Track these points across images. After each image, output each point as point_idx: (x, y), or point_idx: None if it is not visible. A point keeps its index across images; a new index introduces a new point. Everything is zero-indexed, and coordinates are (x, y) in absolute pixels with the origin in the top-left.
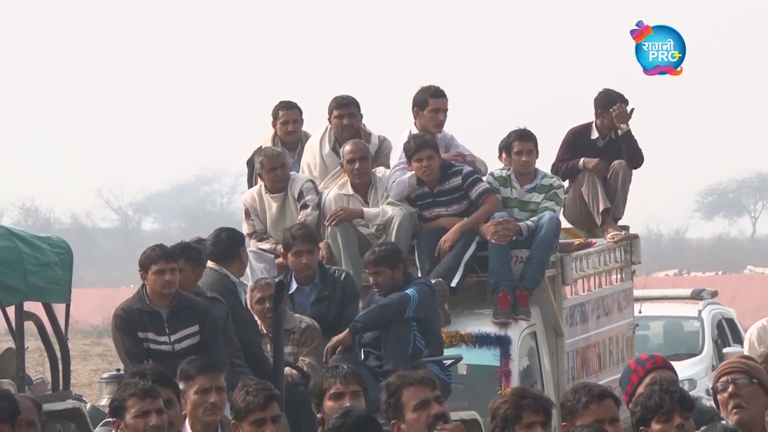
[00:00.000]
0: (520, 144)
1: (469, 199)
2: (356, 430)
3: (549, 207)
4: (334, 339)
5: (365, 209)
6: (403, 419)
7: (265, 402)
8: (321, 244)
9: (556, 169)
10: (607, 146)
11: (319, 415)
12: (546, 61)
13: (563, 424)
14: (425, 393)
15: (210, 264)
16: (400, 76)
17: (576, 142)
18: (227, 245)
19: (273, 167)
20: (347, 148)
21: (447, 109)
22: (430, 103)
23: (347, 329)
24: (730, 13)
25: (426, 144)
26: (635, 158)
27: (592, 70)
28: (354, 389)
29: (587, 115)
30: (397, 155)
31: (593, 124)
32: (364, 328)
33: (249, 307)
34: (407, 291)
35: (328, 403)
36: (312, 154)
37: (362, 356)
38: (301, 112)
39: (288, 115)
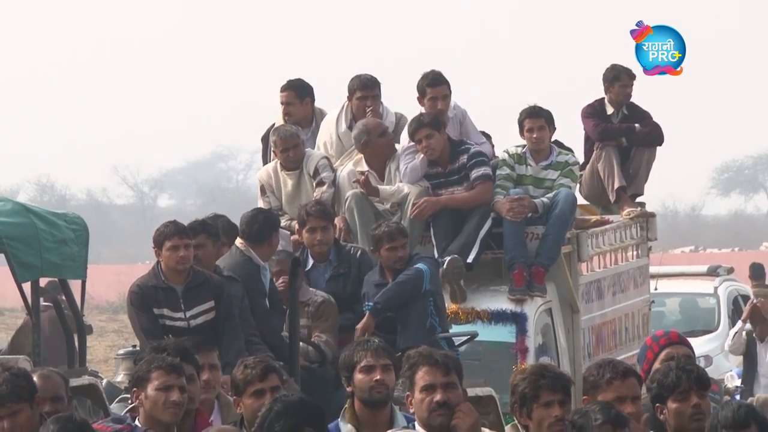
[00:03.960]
0: (530, 121)
1: (468, 179)
2: (285, 415)
3: (564, 184)
4: (359, 327)
5: (381, 187)
6: (413, 395)
7: (262, 373)
8: (337, 219)
9: (597, 133)
10: (622, 122)
11: (348, 389)
12: (545, 61)
13: (584, 398)
14: (435, 377)
15: (238, 242)
16: (413, 57)
17: (597, 114)
18: (261, 227)
19: (285, 148)
20: (359, 125)
21: (447, 94)
22: (428, 92)
23: (368, 314)
24: (732, 11)
25: (421, 124)
26: (653, 135)
27: (592, 70)
28: (384, 363)
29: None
30: (406, 137)
31: (605, 100)
32: (384, 308)
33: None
34: (418, 265)
35: (359, 376)
36: (328, 133)
37: None
38: (298, 93)
39: (283, 96)
